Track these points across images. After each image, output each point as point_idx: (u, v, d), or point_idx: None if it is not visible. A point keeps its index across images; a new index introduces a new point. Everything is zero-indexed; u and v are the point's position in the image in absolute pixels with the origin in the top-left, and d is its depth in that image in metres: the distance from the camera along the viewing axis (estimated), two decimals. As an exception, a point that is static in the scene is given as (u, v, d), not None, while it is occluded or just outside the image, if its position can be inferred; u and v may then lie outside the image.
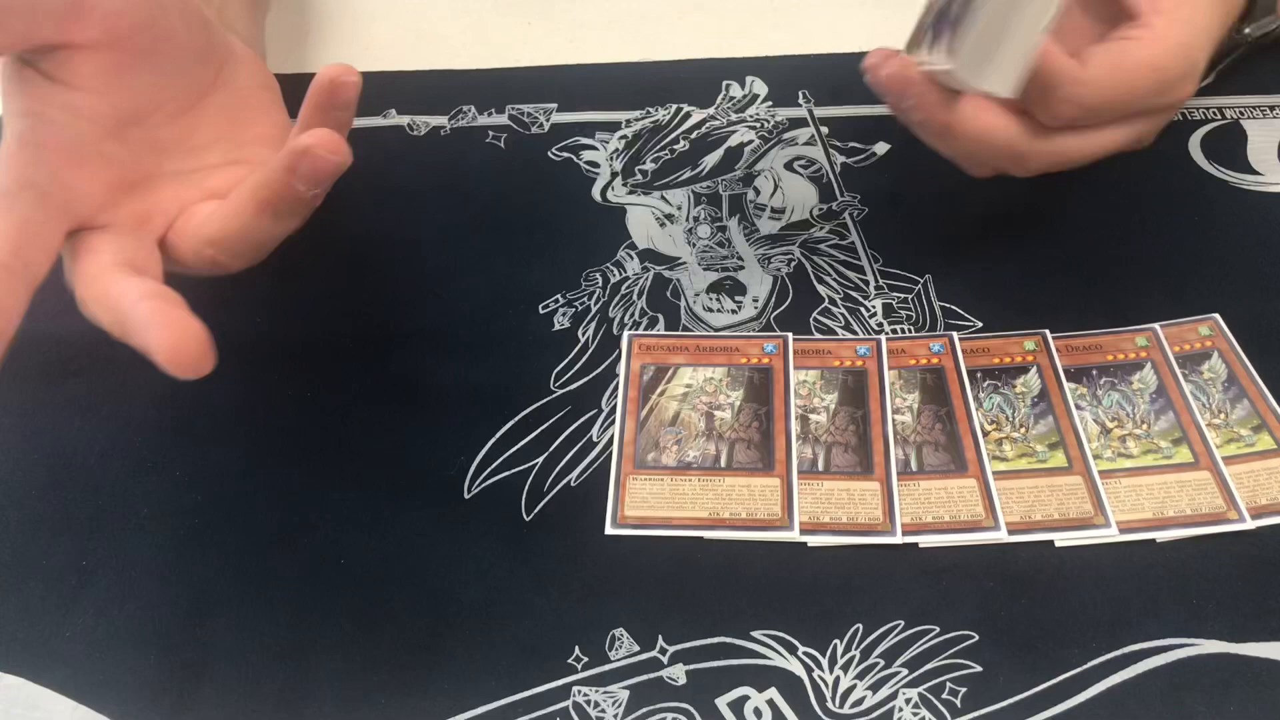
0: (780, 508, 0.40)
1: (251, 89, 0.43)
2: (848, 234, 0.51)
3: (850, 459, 0.41)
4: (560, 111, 0.57)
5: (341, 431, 0.44)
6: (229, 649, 0.38)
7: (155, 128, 0.40)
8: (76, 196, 0.37)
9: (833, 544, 0.39)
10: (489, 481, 0.42)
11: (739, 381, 0.44)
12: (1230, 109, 0.54)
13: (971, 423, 0.42)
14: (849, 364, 0.44)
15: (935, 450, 0.42)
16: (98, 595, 0.39)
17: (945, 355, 0.45)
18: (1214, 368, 0.44)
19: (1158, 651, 0.36)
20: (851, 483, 0.41)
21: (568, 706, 0.36)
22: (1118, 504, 0.40)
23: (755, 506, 0.40)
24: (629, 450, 0.42)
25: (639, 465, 0.42)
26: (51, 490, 0.42)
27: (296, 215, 0.39)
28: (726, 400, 0.43)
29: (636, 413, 0.43)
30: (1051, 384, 0.44)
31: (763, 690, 0.36)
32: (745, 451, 0.42)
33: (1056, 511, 0.40)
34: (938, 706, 0.35)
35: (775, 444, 0.42)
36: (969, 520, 0.40)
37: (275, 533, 0.41)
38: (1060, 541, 0.39)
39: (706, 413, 0.43)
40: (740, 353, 0.45)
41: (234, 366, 0.46)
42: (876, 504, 0.40)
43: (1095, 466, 0.41)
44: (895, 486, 0.40)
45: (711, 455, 0.42)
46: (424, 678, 0.37)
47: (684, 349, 0.45)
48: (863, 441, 0.42)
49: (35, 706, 0.36)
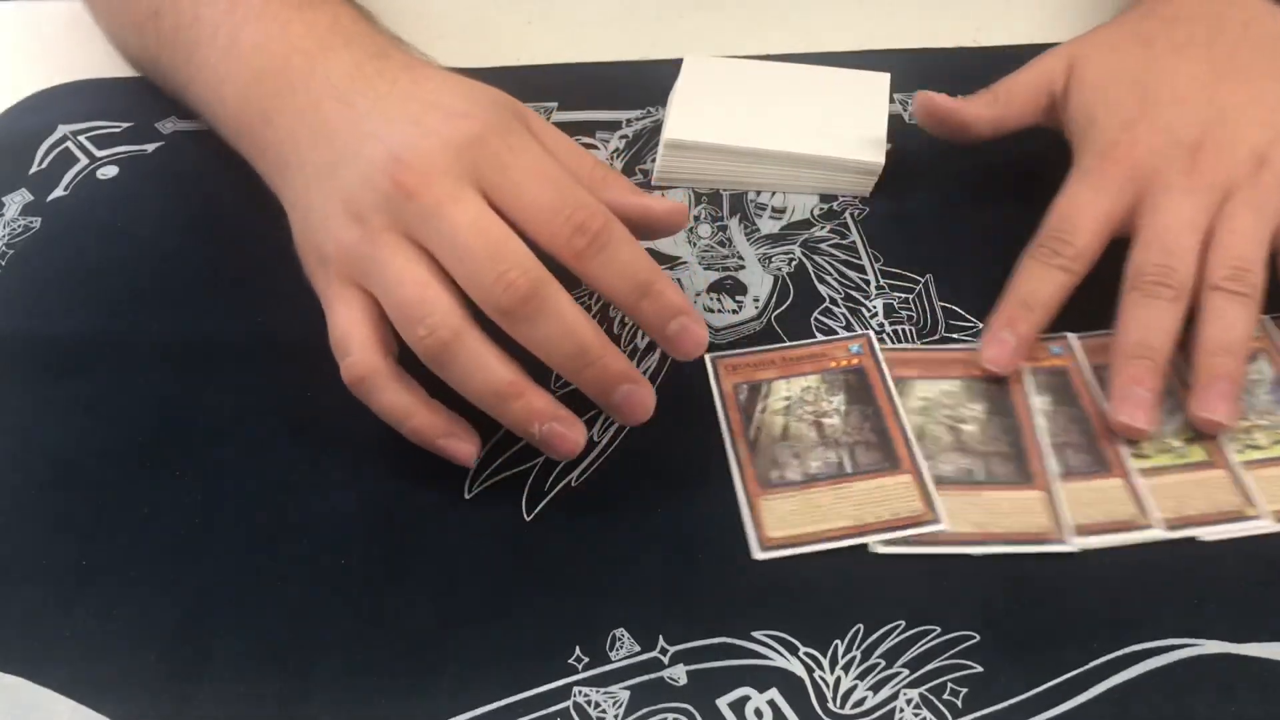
0: (920, 502, 0.40)
1: None
2: (848, 233, 0.51)
3: (1008, 469, 0.41)
4: (560, 111, 0.57)
5: (342, 431, 0.43)
6: (229, 649, 0.37)
7: None
8: None
9: (992, 552, 0.39)
10: (489, 481, 0.42)
11: (836, 386, 0.44)
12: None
13: (1107, 422, 0.42)
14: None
15: (1076, 452, 0.41)
16: (98, 595, 0.39)
17: (1067, 357, 0.45)
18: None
19: (1160, 652, 0.36)
20: (1007, 492, 0.40)
21: (568, 707, 0.36)
22: (1265, 495, 0.40)
23: (896, 506, 0.40)
24: (750, 472, 0.41)
25: (764, 485, 0.41)
26: (51, 490, 0.42)
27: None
28: (831, 406, 0.43)
29: (744, 433, 0.43)
30: (1174, 380, 0.43)
31: (764, 691, 0.36)
32: (866, 453, 0.41)
33: (1206, 505, 0.39)
34: (939, 707, 0.35)
35: (894, 440, 0.42)
36: (1124, 520, 0.39)
37: (275, 533, 0.41)
38: (1208, 536, 0.39)
39: (814, 422, 0.42)
40: (827, 357, 0.45)
41: (234, 366, 0.46)
42: (1042, 510, 0.40)
43: (1235, 458, 0.41)
44: (1057, 491, 0.40)
45: (834, 463, 0.41)
46: (424, 678, 0.37)
47: (771, 363, 0.45)
48: (1016, 451, 0.41)
49: (35, 706, 0.36)
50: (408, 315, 0.38)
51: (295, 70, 0.44)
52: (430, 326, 0.37)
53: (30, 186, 0.54)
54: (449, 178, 0.38)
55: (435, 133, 0.39)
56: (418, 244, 0.38)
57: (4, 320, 0.48)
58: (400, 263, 0.38)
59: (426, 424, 0.40)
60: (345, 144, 0.41)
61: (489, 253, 0.37)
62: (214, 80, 0.48)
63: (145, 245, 0.51)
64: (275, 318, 0.48)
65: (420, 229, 0.38)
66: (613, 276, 0.38)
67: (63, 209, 0.53)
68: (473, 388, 0.38)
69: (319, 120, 0.42)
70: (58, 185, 0.54)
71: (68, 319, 0.48)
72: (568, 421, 0.39)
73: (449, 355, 0.38)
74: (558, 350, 0.38)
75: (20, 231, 0.52)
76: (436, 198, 0.38)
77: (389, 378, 0.40)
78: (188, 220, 0.52)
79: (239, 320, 0.48)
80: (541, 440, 0.39)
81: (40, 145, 0.56)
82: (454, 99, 0.40)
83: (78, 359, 0.46)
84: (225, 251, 0.51)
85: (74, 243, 0.52)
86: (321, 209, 0.41)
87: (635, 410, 0.39)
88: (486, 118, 0.39)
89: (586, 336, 0.38)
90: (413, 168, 0.38)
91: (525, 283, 0.37)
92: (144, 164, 0.55)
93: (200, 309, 0.48)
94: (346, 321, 0.40)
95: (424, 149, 0.38)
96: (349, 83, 0.42)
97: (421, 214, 0.38)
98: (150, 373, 0.46)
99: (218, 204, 0.53)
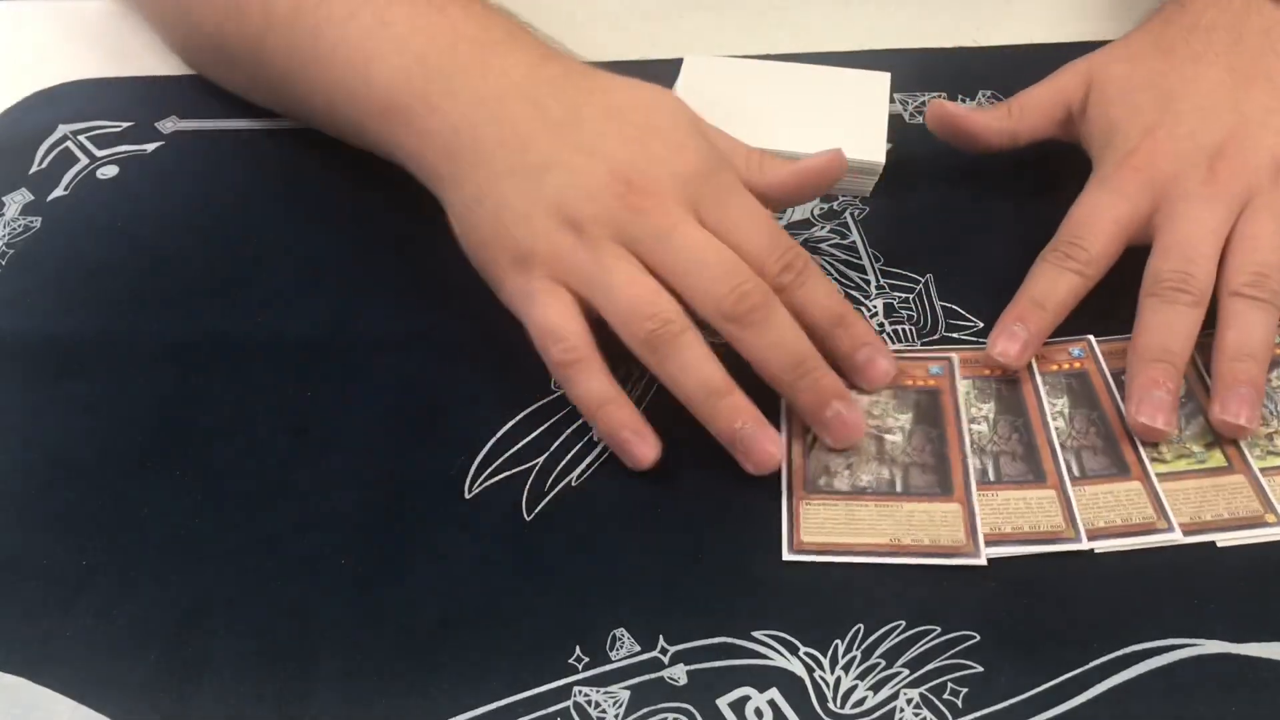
0: (964, 533, 0.39)
1: None
2: (849, 233, 0.51)
3: (1020, 468, 0.41)
4: (561, 111, 0.57)
5: (341, 431, 0.43)
6: (229, 649, 0.37)
7: None
8: None
9: (1016, 553, 0.39)
10: (489, 481, 0.42)
11: (906, 404, 0.43)
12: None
13: (1126, 427, 0.42)
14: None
15: (1094, 454, 0.41)
16: (98, 595, 0.39)
17: (1087, 359, 0.44)
18: None
19: (1159, 652, 0.36)
20: (1025, 491, 0.40)
21: (568, 706, 0.36)
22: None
23: (938, 532, 0.39)
24: (799, 474, 0.41)
25: (810, 489, 0.41)
26: (51, 490, 0.42)
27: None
28: (896, 423, 0.43)
29: (803, 436, 0.42)
30: (1195, 384, 0.43)
31: (764, 690, 0.36)
32: (920, 476, 0.41)
33: (1225, 511, 0.39)
34: (939, 707, 0.35)
35: (952, 468, 0.41)
36: (1141, 523, 0.39)
37: (275, 533, 0.41)
38: (1225, 541, 0.39)
39: (876, 436, 0.42)
40: (905, 374, 0.44)
41: (234, 366, 0.46)
42: (1056, 511, 0.40)
43: (1256, 464, 0.41)
44: (1070, 491, 0.40)
45: (885, 479, 0.41)
46: (424, 678, 0.37)
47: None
48: (1030, 450, 0.41)
49: (35, 706, 0.36)
50: (638, 312, 0.41)
51: (465, 58, 0.45)
52: (662, 320, 0.41)
53: (30, 186, 0.54)
54: (678, 205, 0.42)
55: (662, 161, 0.43)
56: (641, 258, 0.42)
57: (4, 320, 0.48)
58: (626, 267, 0.41)
59: (625, 415, 0.41)
60: (551, 151, 0.43)
61: (725, 268, 0.41)
62: (358, 59, 0.47)
63: (145, 245, 0.51)
64: (275, 318, 0.48)
65: (647, 244, 0.42)
66: (813, 307, 0.43)
67: (63, 209, 0.53)
68: (690, 380, 0.41)
69: (504, 116, 0.44)
70: (58, 185, 0.54)
71: (68, 319, 0.48)
72: (766, 429, 0.41)
73: (676, 348, 0.41)
74: (780, 357, 0.41)
75: (20, 231, 0.52)
76: (671, 220, 0.42)
77: (600, 365, 0.42)
78: (188, 220, 0.52)
79: (239, 320, 0.48)
80: (739, 439, 0.41)
81: (40, 145, 0.56)
82: (662, 121, 0.44)
83: (78, 359, 0.46)
84: (225, 251, 0.51)
85: (74, 243, 0.52)
86: (523, 209, 0.43)
87: (845, 431, 0.41)
88: (702, 154, 0.44)
89: (805, 349, 0.41)
90: (646, 192, 0.42)
91: (759, 294, 0.41)
92: (144, 164, 0.55)
93: (200, 309, 0.48)
94: (559, 314, 0.42)
95: (653, 175, 0.42)
96: (531, 84, 0.45)
97: (654, 233, 0.42)
98: (150, 373, 0.46)
99: (218, 204, 0.53)
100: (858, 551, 0.39)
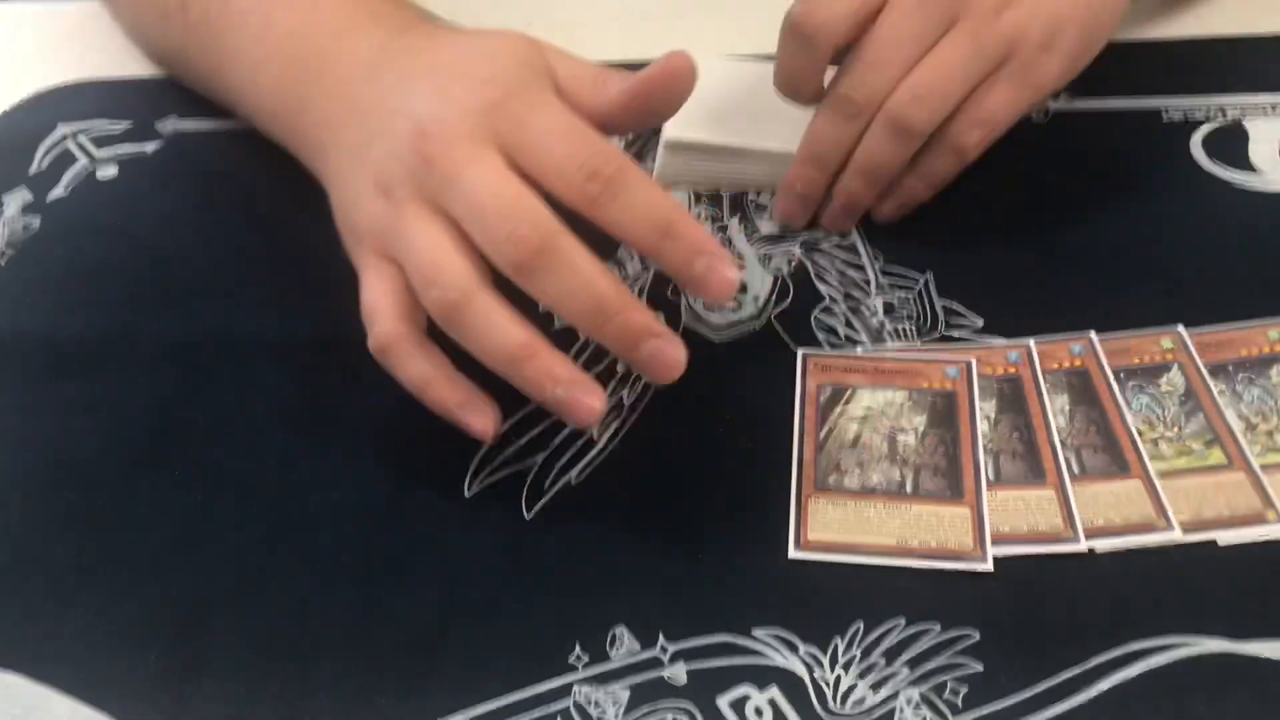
0: (971, 538, 0.39)
1: None
2: (849, 233, 0.50)
3: (1020, 467, 0.41)
4: (560, 111, 0.57)
5: (342, 431, 0.44)
6: (229, 649, 0.37)
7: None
8: None
9: (1018, 553, 0.39)
10: (489, 481, 0.42)
11: (921, 406, 0.43)
12: (1231, 108, 0.54)
13: (1126, 424, 0.42)
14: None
15: (1094, 453, 0.41)
16: (98, 594, 0.39)
17: (1088, 356, 0.44)
18: None
19: (1160, 650, 0.36)
20: (1025, 492, 0.40)
21: (568, 706, 0.36)
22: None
23: (945, 535, 0.39)
24: (809, 471, 0.41)
25: (819, 487, 0.41)
26: (51, 490, 0.42)
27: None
28: (910, 425, 0.42)
29: (815, 433, 0.42)
30: (1196, 381, 0.43)
31: (764, 689, 0.36)
32: (931, 478, 0.41)
33: (1226, 509, 0.39)
34: (939, 706, 0.35)
35: (963, 471, 0.41)
36: (1141, 522, 0.39)
37: (275, 533, 0.41)
38: (1225, 540, 0.39)
39: (889, 436, 0.42)
40: (921, 376, 0.44)
41: (234, 366, 0.46)
42: (1055, 512, 0.39)
43: (1256, 462, 0.40)
44: (1070, 492, 0.40)
45: (896, 480, 0.41)
46: (424, 678, 0.37)
47: (862, 370, 0.44)
48: (1030, 449, 0.41)
49: (35, 706, 0.36)
50: (423, 278, 0.38)
51: (326, 54, 0.45)
52: (442, 287, 0.37)
53: (30, 186, 0.54)
54: (469, 142, 0.38)
55: (458, 101, 0.39)
56: (443, 212, 0.38)
57: (4, 320, 0.48)
58: (420, 228, 0.38)
59: (446, 393, 0.39)
60: (376, 121, 0.41)
61: (500, 211, 0.37)
62: (248, 67, 0.48)
63: (145, 245, 0.51)
64: (275, 317, 0.48)
65: (442, 196, 0.38)
66: (631, 220, 0.37)
67: (63, 209, 0.53)
68: (487, 349, 0.38)
69: (350, 100, 0.43)
70: (57, 185, 0.54)
71: (68, 319, 0.48)
72: (585, 386, 0.38)
73: (459, 315, 0.38)
74: (575, 305, 0.37)
75: (20, 231, 0.52)
76: (456, 163, 0.38)
77: (414, 345, 0.39)
78: (188, 220, 0.52)
79: (239, 320, 0.48)
80: (558, 405, 0.38)
81: (40, 145, 0.56)
82: (479, 65, 0.40)
83: (78, 359, 0.47)
84: (225, 251, 0.51)
85: (74, 243, 0.52)
86: (355, 187, 0.41)
87: (664, 367, 0.38)
88: (509, 80, 0.39)
89: (603, 288, 0.37)
90: (436, 137, 0.38)
91: (536, 237, 0.36)
92: (144, 164, 0.55)
93: (200, 309, 0.48)
94: (375, 292, 0.40)
95: (446, 118, 0.38)
96: (377, 60, 0.43)
97: (443, 181, 0.38)
98: (150, 373, 0.46)
99: (218, 204, 0.53)
100: (864, 551, 0.39)
